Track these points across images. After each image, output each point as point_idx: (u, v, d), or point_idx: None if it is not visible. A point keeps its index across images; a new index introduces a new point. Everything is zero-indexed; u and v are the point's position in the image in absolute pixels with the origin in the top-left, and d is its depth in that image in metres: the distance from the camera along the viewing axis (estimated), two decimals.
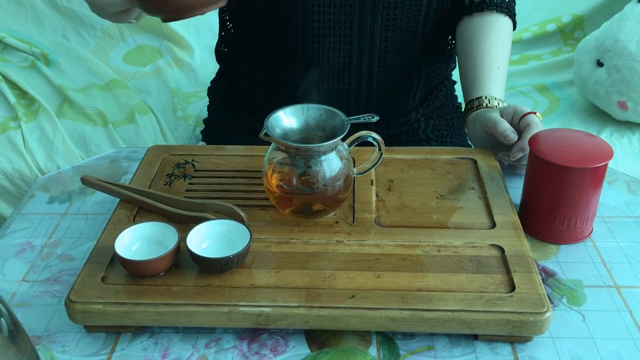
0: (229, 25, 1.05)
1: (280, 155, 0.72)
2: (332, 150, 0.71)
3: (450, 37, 1.03)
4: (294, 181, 0.72)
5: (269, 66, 0.99)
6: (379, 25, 0.93)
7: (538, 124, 0.82)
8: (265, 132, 0.70)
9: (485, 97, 0.90)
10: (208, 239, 0.68)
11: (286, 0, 0.91)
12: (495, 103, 0.90)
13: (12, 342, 0.51)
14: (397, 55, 0.97)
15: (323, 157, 0.71)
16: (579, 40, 1.54)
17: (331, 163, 0.71)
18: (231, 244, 0.67)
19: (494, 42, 0.94)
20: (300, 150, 0.70)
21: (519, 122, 0.83)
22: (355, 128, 0.77)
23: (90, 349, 0.63)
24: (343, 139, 0.72)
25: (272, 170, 0.73)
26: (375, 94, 0.98)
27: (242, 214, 0.72)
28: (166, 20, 0.65)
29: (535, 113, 0.84)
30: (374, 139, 0.73)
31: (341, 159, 0.72)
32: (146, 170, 0.84)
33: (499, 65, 0.93)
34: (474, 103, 0.91)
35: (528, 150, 0.79)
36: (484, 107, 0.89)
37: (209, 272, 0.66)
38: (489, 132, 0.85)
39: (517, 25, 1.83)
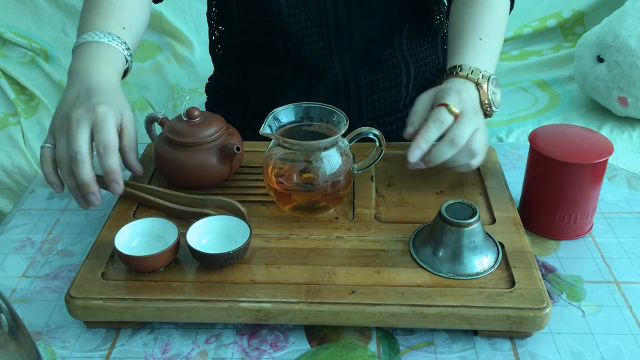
0: (220, 28, 1.05)
1: (281, 152, 0.72)
2: (333, 146, 0.71)
3: (436, 17, 1.02)
4: (295, 177, 0.72)
5: (257, 68, 0.99)
6: (355, 21, 0.92)
7: (437, 122, 0.71)
8: (266, 129, 0.70)
9: (458, 67, 0.79)
10: (208, 234, 0.68)
11: (261, 6, 0.90)
12: (468, 72, 0.78)
13: (12, 337, 0.51)
14: (379, 48, 0.96)
15: (323, 154, 0.71)
16: (579, 36, 1.54)
17: (331, 159, 0.71)
18: (231, 240, 0.67)
19: (479, 13, 0.85)
20: (301, 147, 0.70)
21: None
22: (354, 124, 0.77)
23: (91, 345, 0.63)
24: (343, 135, 0.72)
25: (273, 167, 0.73)
26: (365, 89, 0.98)
27: (242, 208, 0.72)
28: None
29: (447, 105, 0.72)
30: (375, 134, 0.73)
31: (341, 155, 0.72)
32: (146, 166, 0.84)
33: (482, 36, 0.83)
34: (446, 72, 0.81)
35: (424, 149, 0.71)
36: (454, 76, 0.79)
37: (209, 267, 0.66)
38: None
39: (517, 21, 1.82)
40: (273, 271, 0.66)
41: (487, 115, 0.79)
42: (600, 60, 1.39)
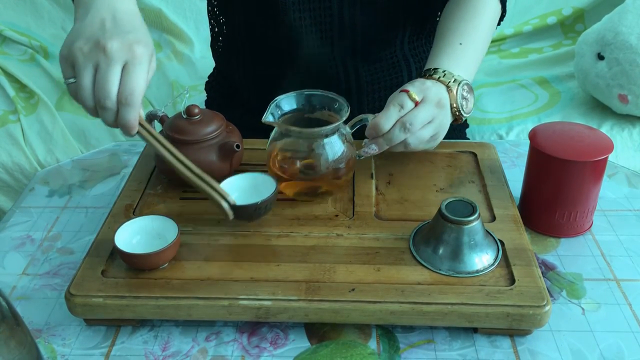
0: (220, 20, 1.05)
1: (283, 139, 0.73)
2: (335, 133, 0.72)
3: (438, 16, 1.02)
4: (297, 164, 0.73)
5: (259, 65, 0.99)
6: (358, 20, 0.91)
7: (397, 106, 0.71)
8: (268, 117, 0.71)
9: (432, 69, 0.79)
10: (237, 190, 0.71)
11: (267, 2, 0.90)
12: (440, 75, 0.77)
13: (12, 335, 0.51)
14: (381, 47, 0.96)
15: (326, 140, 0.72)
16: (579, 33, 1.53)
17: (334, 146, 0.72)
18: (258, 194, 0.70)
19: (465, 19, 0.85)
20: (303, 134, 0.71)
21: None
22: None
23: (91, 342, 0.63)
24: (345, 122, 0.73)
25: (276, 154, 0.74)
26: (366, 88, 0.98)
27: (228, 211, 0.68)
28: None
29: (408, 92, 0.72)
30: None
31: (343, 141, 0.73)
32: (146, 164, 0.84)
33: (462, 41, 0.82)
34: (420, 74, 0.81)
35: (385, 128, 0.72)
36: (426, 78, 0.78)
37: (241, 218, 0.69)
38: None
39: (517, 19, 1.82)
40: (273, 269, 0.66)
41: (456, 120, 0.79)
42: (600, 57, 1.39)
